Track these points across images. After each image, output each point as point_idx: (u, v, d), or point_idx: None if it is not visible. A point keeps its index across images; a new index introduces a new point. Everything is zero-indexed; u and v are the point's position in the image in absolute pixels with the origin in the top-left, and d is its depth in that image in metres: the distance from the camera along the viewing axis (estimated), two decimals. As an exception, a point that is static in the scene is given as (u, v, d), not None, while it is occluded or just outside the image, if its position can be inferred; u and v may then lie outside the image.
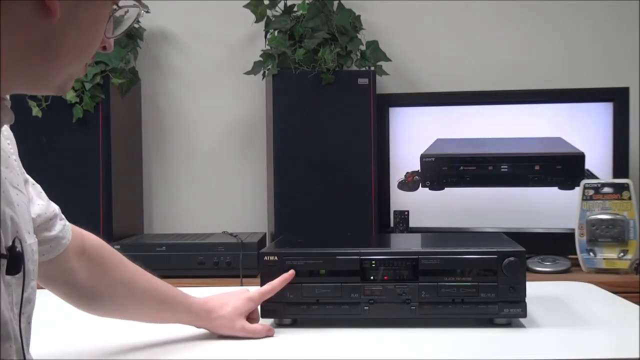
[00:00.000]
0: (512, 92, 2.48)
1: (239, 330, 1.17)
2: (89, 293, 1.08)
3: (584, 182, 2.24)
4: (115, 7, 0.79)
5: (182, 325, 1.18)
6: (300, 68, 2.35)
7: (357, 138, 2.37)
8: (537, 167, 2.40)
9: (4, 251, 0.75)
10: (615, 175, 2.32)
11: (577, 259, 2.24)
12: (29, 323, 0.85)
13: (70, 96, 2.27)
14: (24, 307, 0.82)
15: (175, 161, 2.73)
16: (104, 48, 0.81)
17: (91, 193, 2.32)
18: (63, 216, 1.03)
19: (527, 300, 1.18)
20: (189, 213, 2.72)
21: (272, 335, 1.19)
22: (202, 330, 1.19)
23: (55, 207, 1.01)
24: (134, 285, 1.12)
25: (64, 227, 1.02)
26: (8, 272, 0.76)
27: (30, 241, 0.84)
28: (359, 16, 2.46)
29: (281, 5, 2.47)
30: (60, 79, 0.77)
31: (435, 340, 1.14)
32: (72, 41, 0.74)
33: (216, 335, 1.18)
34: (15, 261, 0.76)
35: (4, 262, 0.75)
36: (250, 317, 1.21)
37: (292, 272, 1.22)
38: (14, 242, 0.77)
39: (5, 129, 0.88)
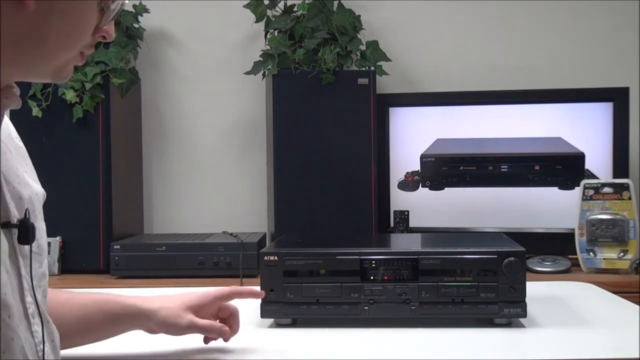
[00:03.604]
0: (512, 92, 2.48)
1: (186, 324, 1.05)
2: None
3: (584, 182, 2.24)
4: None
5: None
6: (300, 68, 2.35)
7: (357, 138, 2.37)
8: (537, 167, 2.40)
9: (15, 221, 0.78)
10: (615, 175, 2.32)
11: (577, 259, 2.24)
12: (44, 297, 0.87)
13: (70, 96, 2.27)
14: (41, 281, 0.85)
15: (175, 161, 2.73)
16: (104, 37, 0.81)
17: (91, 193, 2.32)
18: None
19: (527, 300, 1.18)
20: (189, 213, 2.72)
21: (226, 336, 1.08)
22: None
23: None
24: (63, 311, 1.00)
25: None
26: (20, 242, 0.79)
27: (41, 224, 0.87)
28: (359, 16, 2.46)
29: (281, 5, 2.47)
30: (52, 66, 0.79)
31: (435, 340, 1.14)
32: (56, 29, 0.75)
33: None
34: (26, 231, 0.79)
35: (15, 231, 0.78)
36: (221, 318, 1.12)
37: (262, 293, 1.19)
38: (26, 214, 0.80)
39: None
